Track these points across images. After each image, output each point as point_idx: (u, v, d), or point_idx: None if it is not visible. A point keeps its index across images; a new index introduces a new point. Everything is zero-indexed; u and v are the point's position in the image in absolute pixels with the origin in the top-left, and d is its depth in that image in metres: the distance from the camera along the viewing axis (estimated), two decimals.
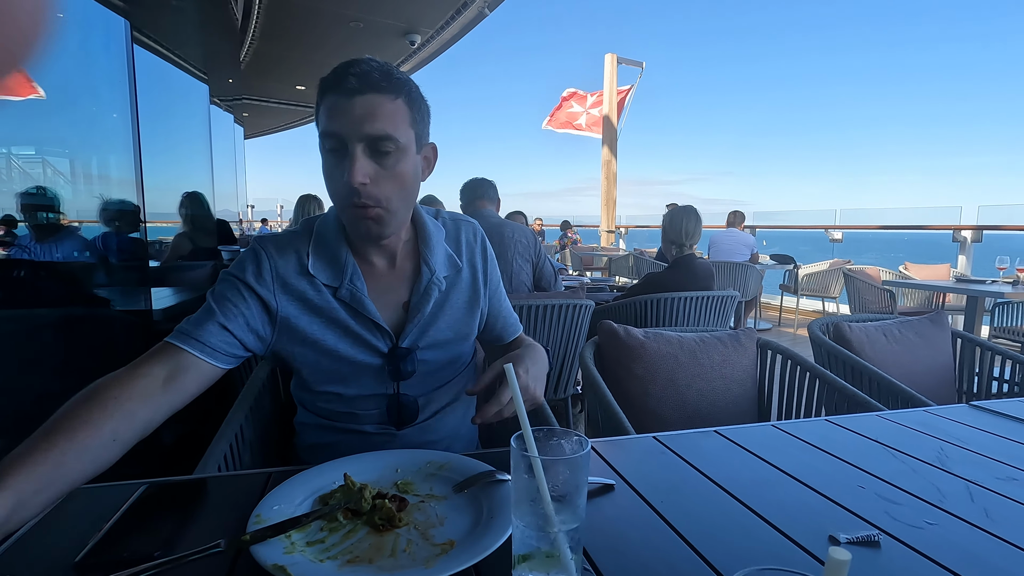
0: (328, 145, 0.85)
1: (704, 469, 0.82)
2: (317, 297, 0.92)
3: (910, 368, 1.77)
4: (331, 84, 0.84)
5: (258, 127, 14.61)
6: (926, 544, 0.63)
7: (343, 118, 0.82)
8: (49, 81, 1.75)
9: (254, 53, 7.61)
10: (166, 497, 0.71)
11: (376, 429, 0.99)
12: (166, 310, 2.24)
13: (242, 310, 0.88)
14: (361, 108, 0.82)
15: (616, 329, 1.53)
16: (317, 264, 0.93)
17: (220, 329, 0.86)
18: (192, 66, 2.96)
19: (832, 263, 6.44)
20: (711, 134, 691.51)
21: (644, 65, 10.59)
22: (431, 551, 0.59)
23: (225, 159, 4.07)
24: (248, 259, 0.92)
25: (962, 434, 0.98)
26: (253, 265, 0.91)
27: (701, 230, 2.67)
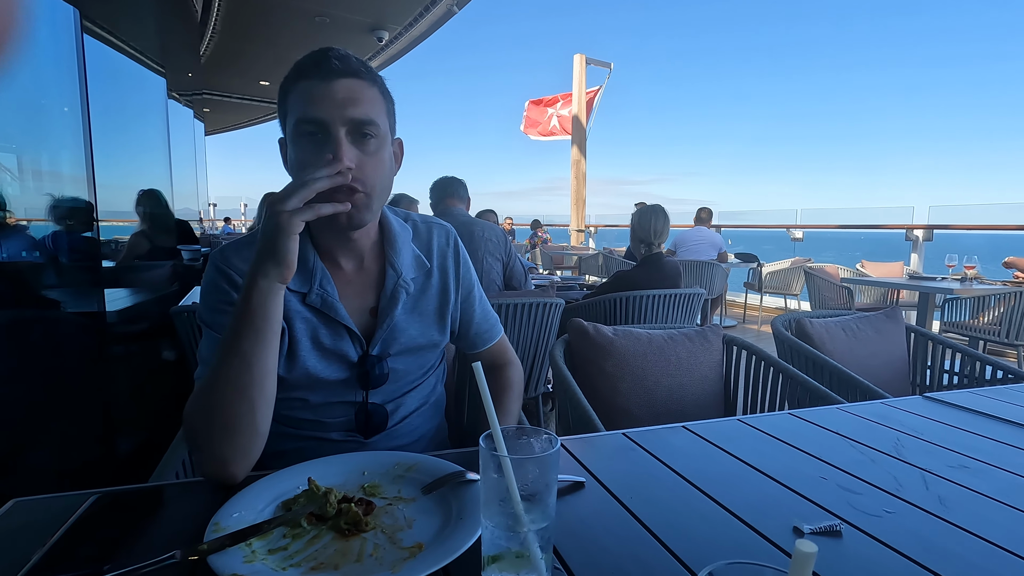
0: (305, 130, 0.81)
1: (673, 464, 0.83)
2: (286, 304, 0.88)
3: (868, 362, 1.83)
4: (308, 68, 0.82)
5: (220, 123, 14.20)
6: (885, 532, 0.65)
7: (325, 102, 0.80)
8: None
9: (215, 47, 7.38)
10: (118, 507, 0.67)
11: (343, 437, 0.96)
12: (121, 312, 2.15)
13: None
14: (344, 92, 0.81)
15: (586, 327, 1.53)
16: None
17: None
18: (148, 58, 2.85)
19: (793, 261, 6.64)
20: (679, 135, 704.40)
21: (612, 66, 10.72)
22: (399, 555, 0.58)
23: (185, 155, 3.94)
24: (220, 280, 0.88)
25: (917, 425, 1.02)
26: (229, 285, 0.87)
27: (669, 229, 2.71)
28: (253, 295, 0.74)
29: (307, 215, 0.75)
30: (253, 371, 0.74)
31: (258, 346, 0.74)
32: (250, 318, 0.74)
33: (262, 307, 0.74)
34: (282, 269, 0.75)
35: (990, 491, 0.76)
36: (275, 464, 0.80)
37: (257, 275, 0.75)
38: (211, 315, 0.87)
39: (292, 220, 0.73)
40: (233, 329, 0.75)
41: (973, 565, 0.59)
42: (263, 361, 0.75)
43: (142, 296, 2.53)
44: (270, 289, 0.75)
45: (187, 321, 2.05)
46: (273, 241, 0.74)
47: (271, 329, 0.76)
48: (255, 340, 0.74)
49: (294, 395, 0.92)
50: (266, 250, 0.75)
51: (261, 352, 0.75)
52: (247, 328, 0.74)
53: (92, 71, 1.90)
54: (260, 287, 0.74)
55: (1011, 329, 3.60)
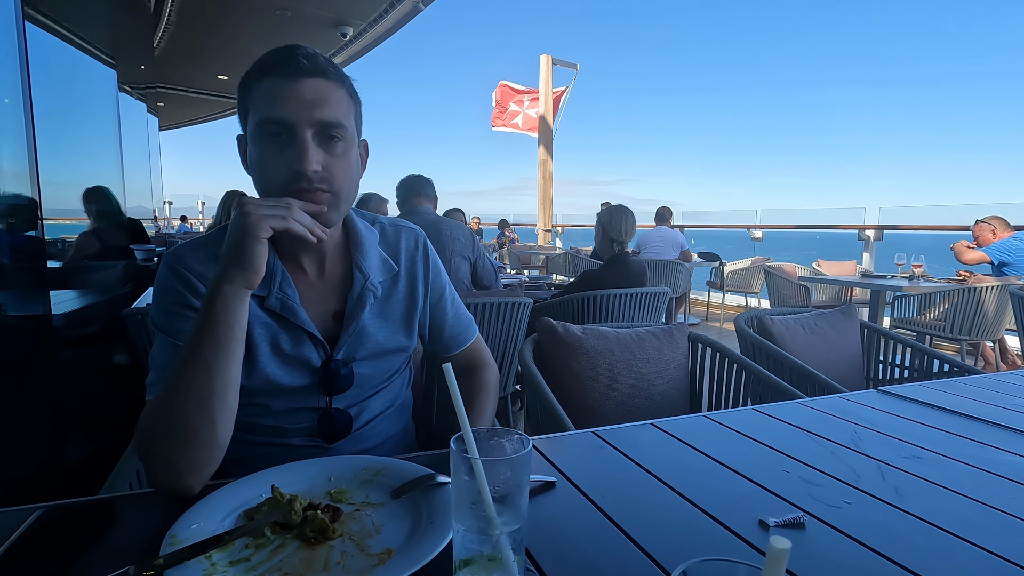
0: (269, 131, 0.78)
1: (641, 461, 0.83)
2: None
3: (825, 357, 1.89)
4: (273, 65, 0.78)
5: (176, 118, 13.69)
6: (846, 523, 0.67)
7: (291, 102, 0.77)
8: None
9: (170, 39, 7.10)
10: (66, 522, 0.64)
11: (305, 442, 0.93)
12: (69, 315, 2.05)
13: None
14: (311, 92, 0.78)
15: (555, 326, 1.54)
16: None
17: None
18: (97, 49, 2.72)
19: (754, 260, 6.84)
20: (644, 136, 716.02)
21: (578, 67, 10.81)
22: (367, 562, 0.57)
23: (137, 151, 3.78)
24: (174, 282, 0.83)
25: (873, 417, 1.06)
26: (184, 286, 0.83)
27: (635, 228, 2.75)
28: (217, 302, 0.71)
29: (277, 223, 0.73)
30: (215, 382, 0.71)
31: (221, 356, 0.71)
32: (213, 326, 0.71)
33: (226, 315, 0.72)
34: (248, 275, 0.72)
35: (942, 480, 0.79)
36: (235, 471, 0.77)
37: (222, 281, 0.72)
38: (164, 319, 0.82)
39: (261, 224, 0.71)
40: (195, 337, 0.72)
41: (928, 552, 0.61)
42: (226, 372, 0.72)
43: (92, 298, 2.41)
44: (235, 296, 0.72)
45: (140, 324, 1.97)
46: (240, 245, 0.72)
47: (235, 338, 0.73)
48: (217, 349, 0.71)
49: (254, 401, 0.88)
50: (233, 254, 0.72)
51: (224, 362, 0.72)
52: (209, 336, 0.71)
53: (35, 61, 1.80)
54: (224, 293, 0.72)
55: (955, 324, 3.79)
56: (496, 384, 1.10)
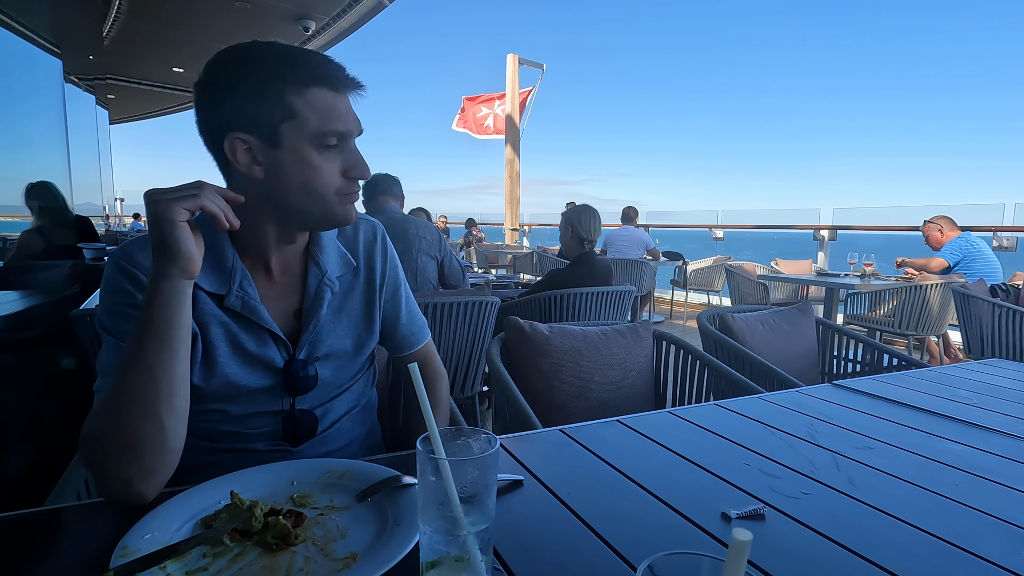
0: (329, 142, 0.81)
1: (608, 458, 0.84)
2: (199, 307, 0.81)
3: (783, 353, 1.96)
4: (321, 76, 0.79)
5: (128, 111, 13.11)
6: (803, 513, 0.69)
7: (349, 115, 0.82)
8: None
9: (120, 28, 6.79)
10: (8, 535, 0.60)
11: (268, 446, 0.90)
12: (13, 316, 1.94)
13: None
14: (351, 104, 0.84)
15: (522, 325, 1.54)
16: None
17: None
18: (40, 37, 2.58)
19: (715, 260, 7.01)
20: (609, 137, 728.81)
21: (544, 67, 10.86)
22: (331, 567, 0.55)
23: (85, 145, 3.61)
24: (122, 281, 0.79)
25: (827, 410, 1.10)
26: (133, 285, 0.79)
27: (601, 228, 2.79)
28: (155, 299, 0.69)
29: (190, 203, 0.69)
30: (159, 384, 0.68)
31: (164, 356, 0.69)
32: (153, 325, 0.68)
33: (166, 311, 0.69)
34: (180, 263, 0.69)
35: (892, 469, 0.83)
36: (193, 478, 0.74)
37: (158, 276, 0.69)
38: (112, 320, 0.78)
39: (172, 207, 0.68)
40: (135, 338, 0.69)
41: (881, 540, 0.64)
42: (171, 372, 0.69)
43: (37, 299, 2.29)
44: (173, 290, 0.69)
45: (89, 326, 1.88)
46: (161, 235, 0.68)
47: (178, 336, 0.70)
48: (160, 349, 0.68)
49: (213, 407, 0.85)
50: (158, 247, 0.69)
51: (168, 362, 0.69)
52: (150, 336, 0.68)
53: None
54: (161, 289, 0.69)
55: (903, 320, 3.98)
56: (448, 397, 1.09)
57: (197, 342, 0.82)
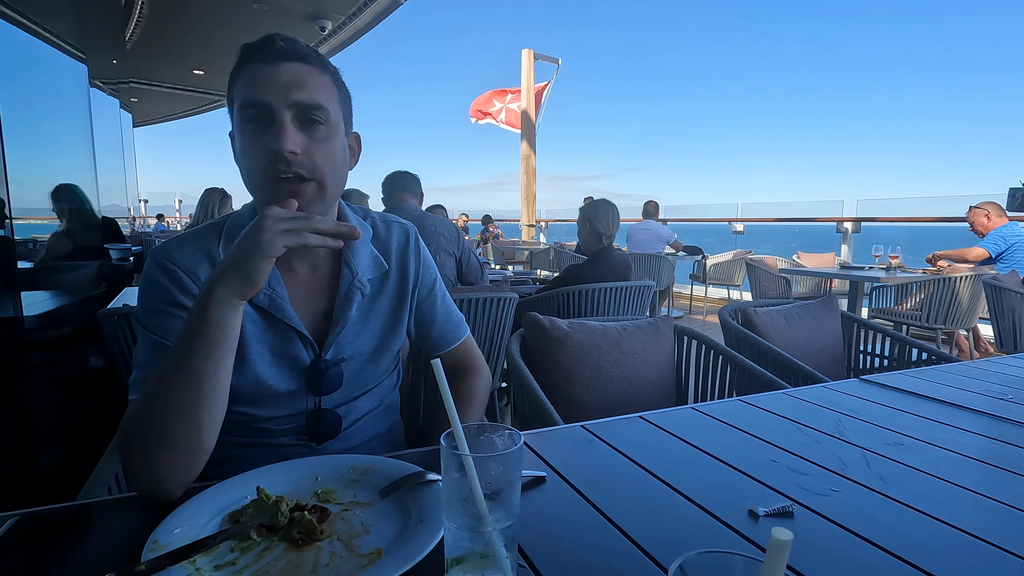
0: (249, 115, 0.77)
1: (630, 454, 0.83)
2: None
3: (806, 348, 1.92)
4: (253, 51, 0.77)
5: (150, 114, 13.37)
6: (833, 511, 0.67)
7: (269, 84, 0.76)
8: None
9: (143, 32, 6.93)
10: (42, 529, 0.62)
11: (292, 441, 0.91)
12: (41, 316, 1.99)
13: None
14: (289, 75, 0.77)
15: (542, 321, 1.53)
16: None
17: None
18: (66, 43, 2.63)
19: (735, 254, 6.91)
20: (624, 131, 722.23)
21: (560, 62, 10.79)
22: (356, 563, 0.56)
23: (111, 148, 3.68)
24: (161, 278, 0.81)
25: (855, 406, 1.07)
26: (172, 283, 0.80)
27: (620, 222, 2.77)
28: (211, 306, 0.68)
29: (291, 240, 0.69)
30: (203, 388, 0.68)
31: (211, 362, 0.69)
32: (206, 331, 0.68)
33: (220, 320, 0.69)
34: (247, 288, 0.69)
35: (924, 466, 0.81)
36: (217, 472, 0.75)
37: (218, 286, 0.68)
38: (150, 317, 0.80)
39: (274, 242, 0.68)
40: (185, 341, 0.69)
41: (914, 538, 0.62)
42: (215, 378, 0.69)
43: (65, 299, 2.35)
44: (230, 303, 0.69)
45: (116, 325, 1.92)
46: (248, 259, 0.68)
47: (227, 345, 0.70)
48: (208, 355, 0.68)
49: (241, 402, 0.86)
50: (237, 265, 0.68)
51: (214, 369, 0.69)
52: (201, 342, 0.68)
53: (0, 55, 1.74)
54: (219, 299, 0.68)
55: (931, 314, 3.88)
56: (485, 394, 1.06)
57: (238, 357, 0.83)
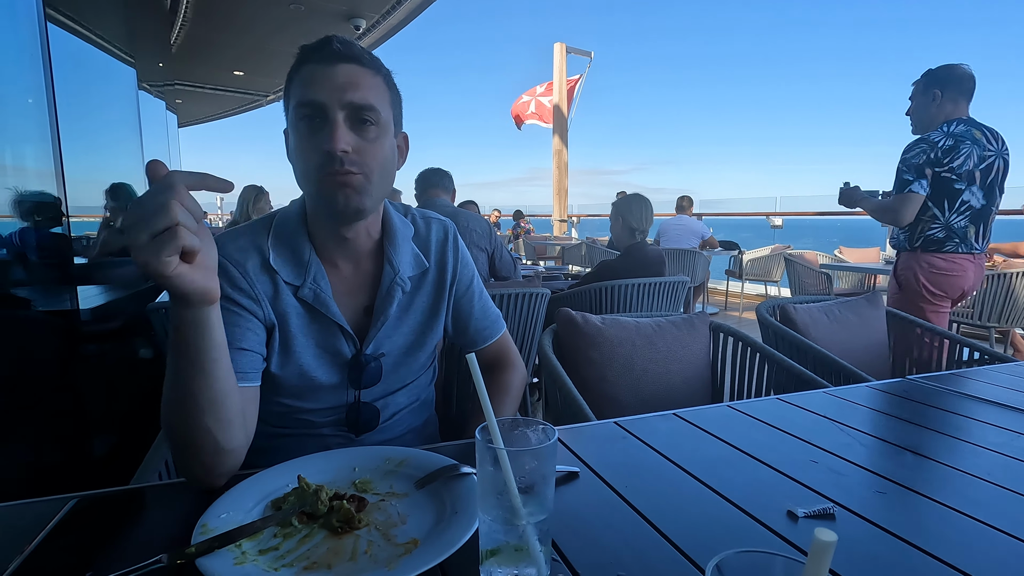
0: (303, 114, 0.79)
1: (665, 451, 0.83)
2: (281, 297, 0.85)
3: (849, 346, 1.86)
4: (310, 53, 0.80)
5: (193, 114, 13.83)
6: (877, 513, 0.65)
7: (325, 84, 0.78)
8: None
9: (186, 36, 7.16)
10: (99, 511, 0.65)
11: (332, 432, 0.94)
12: (95, 309, 2.09)
13: (245, 327, 0.82)
14: (344, 76, 0.79)
15: (574, 316, 1.53)
16: (278, 259, 0.86)
17: (241, 353, 0.80)
18: (117, 48, 2.75)
19: (773, 249, 6.73)
20: (657, 124, 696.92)
21: (593, 55, 10.68)
22: (393, 551, 0.57)
23: (158, 148, 3.83)
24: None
25: (902, 407, 1.03)
26: (224, 277, 0.83)
27: (653, 217, 2.73)
28: (180, 327, 0.65)
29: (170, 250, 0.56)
30: (200, 401, 0.67)
31: (200, 379, 0.67)
32: (185, 352, 0.65)
33: (195, 339, 0.65)
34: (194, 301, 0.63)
35: (975, 470, 0.77)
36: (260, 460, 0.78)
37: (177, 306, 0.64)
38: None
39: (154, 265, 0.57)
40: (171, 363, 0.67)
41: (962, 543, 0.60)
42: (209, 391, 0.68)
43: (117, 293, 2.46)
44: (196, 319, 0.64)
45: (164, 318, 2.00)
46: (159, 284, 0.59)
47: (210, 359, 0.67)
48: (195, 374, 0.66)
49: (284, 394, 0.90)
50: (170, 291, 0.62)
51: (204, 384, 0.67)
52: (185, 364, 0.66)
53: (57, 61, 1.82)
54: (185, 319, 0.64)
55: (984, 311, 3.70)
56: (520, 389, 1.07)
57: (275, 332, 0.86)
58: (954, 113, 2.30)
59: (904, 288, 2.41)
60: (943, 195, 2.25)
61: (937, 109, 2.31)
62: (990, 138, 2.27)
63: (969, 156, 2.21)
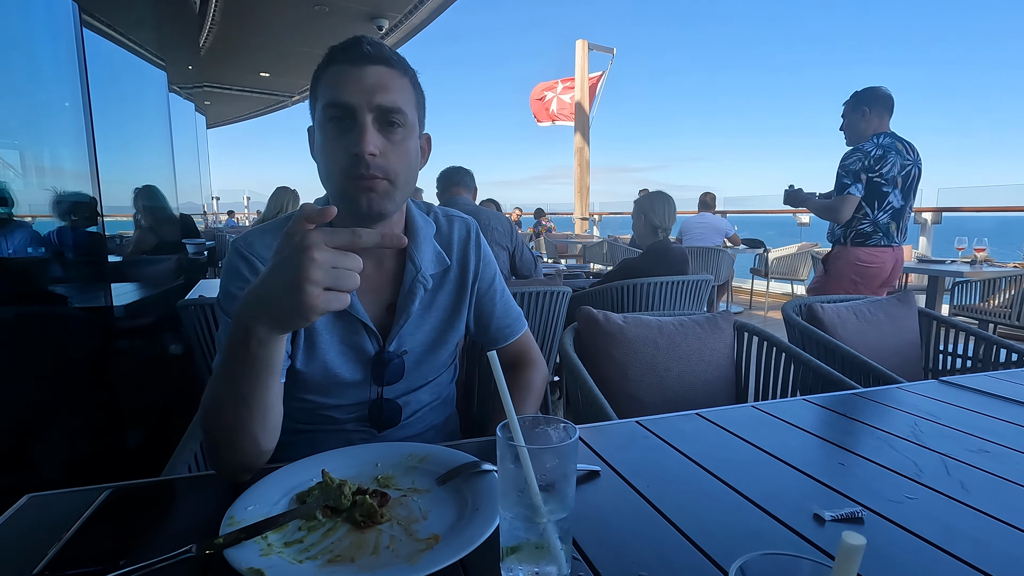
0: (332, 115, 0.80)
1: (688, 452, 0.82)
2: None
3: (879, 346, 1.81)
4: (339, 53, 0.81)
5: (221, 116, 14.15)
6: (908, 518, 0.64)
7: (353, 86, 0.78)
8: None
9: (214, 38, 7.33)
10: (132, 501, 0.67)
11: (355, 428, 0.96)
12: (128, 306, 2.16)
13: None
14: (373, 78, 0.79)
15: (595, 315, 1.52)
16: None
17: None
18: (148, 52, 2.82)
19: (800, 246, 6.59)
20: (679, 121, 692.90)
21: (615, 51, 10.60)
22: (415, 547, 0.57)
23: (187, 150, 3.92)
24: (241, 267, 0.86)
25: (934, 409, 1.00)
26: (250, 271, 0.85)
27: (676, 215, 2.69)
28: (252, 343, 0.63)
29: (335, 305, 0.60)
30: (253, 410, 0.68)
31: (259, 389, 0.67)
32: (250, 364, 0.65)
33: (263, 356, 0.64)
34: (287, 330, 0.65)
35: (1013, 476, 0.75)
36: (284, 455, 0.79)
37: (259, 324, 0.63)
38: (229, 302, 0.86)
39: (318, 307, 0.59)
40: (229, 370, 0.67)
41: (999, 551, 0.58)
42: (264, 400, 0.68)
43: (148, 290, 2.53)
44: (271, 339, 0.64)
45: (194, 315, 2.05)
46: (290, 317, 0.60)
47: (273, 372, 0.67)
48: (255, 384, 0.66)
49: (309, 391, 0.91)
50: (279, 315, 0.61)
51: (262, 392, 0.67)
52: (246, 373, 0.66)
53: (92, 65, 1.88)
54: (260, 337, 0.63)
55: (1023, 311, 3.57)
56: (542, 386, 1.07)
57: (300, 329, 0.86)
58: (880, 127, 2.68)
59: (831, 275, 2.79)
60: (873, 196, 2.63)
61: (867, 124, 2.68)
62: (908, 149, 2.66)
63: (894, 164, 2.61)
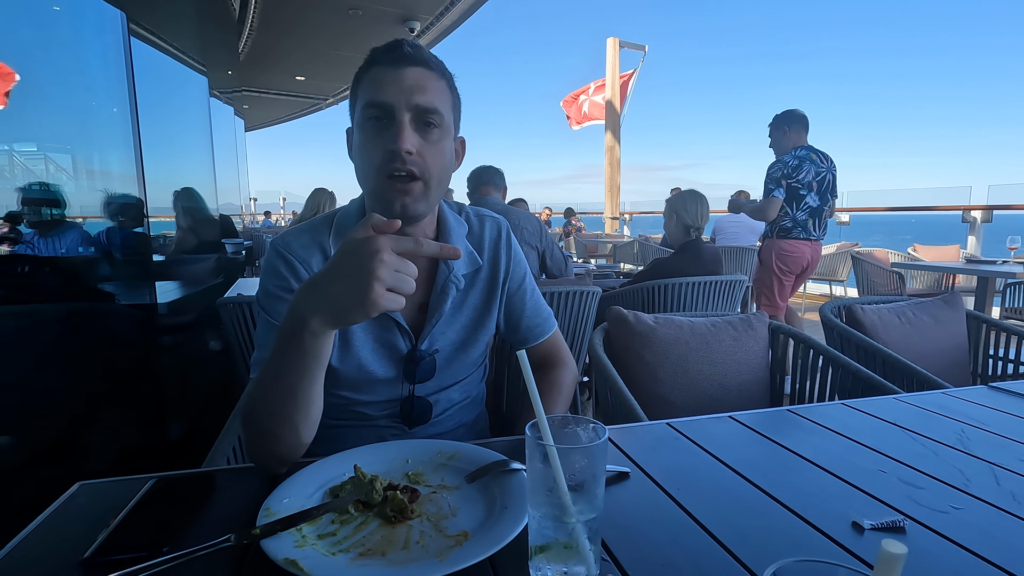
0: (371, 114, 0.82)
1: (720, 455, 0.80)
2: None
3: (923, 350, 1.74)
4: (381, 54, 0.83)
5: (258, 119, 14.55)
6: (953, 529, 0.61)
7: (393, 86, 0.81)
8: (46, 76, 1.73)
9: (252, 44, 7.54)
10: (174, 491, 0.70)
11: (386, 424, 0.97)
12: (171, 303, 2.24)
13: None
14: (412, 79, 0.81)
15: (626, 315, 1.51)
16: None
17: None
18: (191, 58, 2.93)
19: (840, 246, 6.38)
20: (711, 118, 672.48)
21: (647, 49, 10.46)
22: (444, 543, 0.58)
23: (227, 152, 4.05)
24: (279, 266, 0.89)
25: (983, 416, 0.96)
26: (288, 270, 0.88)
27: (709, 214, 2.65)
28: (306, 336, 0.66)
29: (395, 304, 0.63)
30: (298, 401, 0.71)
31: (305, 380, 0.70)
32: (300, 357, 0.67)
33: (314, 349, 0.67)
34: (341, 325, 0.68)
35: None
36: (317, 449, 0.81)
37: (314, 318, 0.65)
38: (268, 300, 0.88)
39: (380, 305, 0.62)
40: (279, 360, 0.69)
41: None
42: (310, 392, 0.71)
43: (190, 289, 2.63)
44: (323, 333, 0.67)
45: (232, 313, 2.12)
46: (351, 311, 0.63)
47: (321, 365, 0.70)
48: (303, 375, 0.69)
49: (342, 388, 0.93)
50: (339, 309, 0.64)
51: (309, 384, 0.70)
52: (295, 364, 0.68)
53: (139, 72, 1.96)
54: (314, 330, 0.66)
55: None
56: (571, 387, 1.07)
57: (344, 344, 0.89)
58: (798, 142, 3.35)
59: (763, 264, 3.54)
60: (792, 198, 3.31)
61: (787, 140, 3.37)
62: (822, 159, 3.34)
63: (808, 171, 3.29)
